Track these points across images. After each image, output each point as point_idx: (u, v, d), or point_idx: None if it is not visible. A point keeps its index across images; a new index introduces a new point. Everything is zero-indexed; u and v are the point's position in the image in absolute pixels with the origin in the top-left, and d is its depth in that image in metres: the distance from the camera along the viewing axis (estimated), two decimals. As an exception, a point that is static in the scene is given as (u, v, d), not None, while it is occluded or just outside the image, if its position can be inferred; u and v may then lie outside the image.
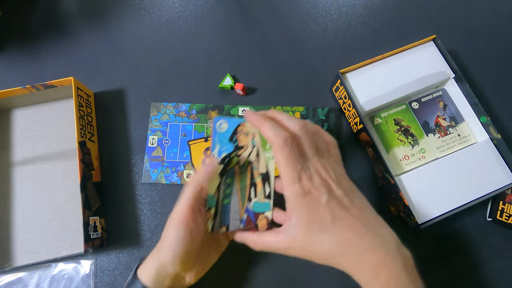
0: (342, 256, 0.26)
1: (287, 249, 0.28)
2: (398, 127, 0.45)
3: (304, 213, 0.27)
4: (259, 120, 0.30)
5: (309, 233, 0.27)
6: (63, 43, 0.52)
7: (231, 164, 0.33)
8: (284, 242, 0.28)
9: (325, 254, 0.27)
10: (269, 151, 0.33)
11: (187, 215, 0.30)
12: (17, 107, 0.48)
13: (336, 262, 0.27)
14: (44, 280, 0.42)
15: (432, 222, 0.39)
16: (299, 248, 0.28)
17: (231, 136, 0.33)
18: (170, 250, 0.30)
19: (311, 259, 0.28)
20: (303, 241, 0.27)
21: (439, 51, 0.46)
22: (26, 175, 0.45)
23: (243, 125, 0.33)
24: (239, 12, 0.54)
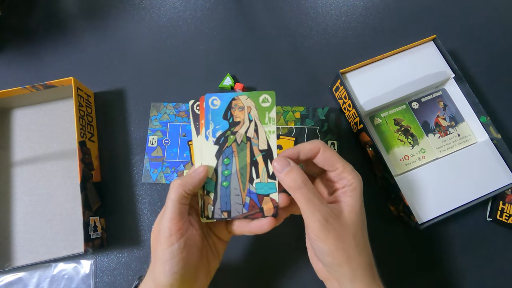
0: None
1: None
2: (398, 127, 0.45)
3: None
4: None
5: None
6: (63, 43, 0.52)
7: (228, 143, 0.30)
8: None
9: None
10: (269, 124, 0.30)
11: (179, 224, 0.27)
12: (17, 107, 0.48)
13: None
14: (44, 280, 0.42)
15: (432, 222, 0.39)
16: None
17: (225, 113, 0.31)
18: (167, 270, 0.27)
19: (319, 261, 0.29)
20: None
21: (439, 51, 0.46)
22: (26, 175, 0.45)
23: (237, 99, 0.31)
24: (239, 12, 0.54)
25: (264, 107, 0.31)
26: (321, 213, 0.27)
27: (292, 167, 0.28)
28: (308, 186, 0.28)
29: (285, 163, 0.29)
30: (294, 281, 0.42)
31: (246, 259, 0.42)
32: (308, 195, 0.27)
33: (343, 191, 0.29)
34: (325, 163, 0.30)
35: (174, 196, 0.28)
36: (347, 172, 0.29)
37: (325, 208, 0.27)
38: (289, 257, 0.42)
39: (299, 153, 0.30)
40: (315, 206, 0.27)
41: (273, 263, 0.42)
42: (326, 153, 0.30)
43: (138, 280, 0.40)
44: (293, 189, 0.28)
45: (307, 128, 0.47)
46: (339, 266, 0.27)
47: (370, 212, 0.31)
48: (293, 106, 0.48)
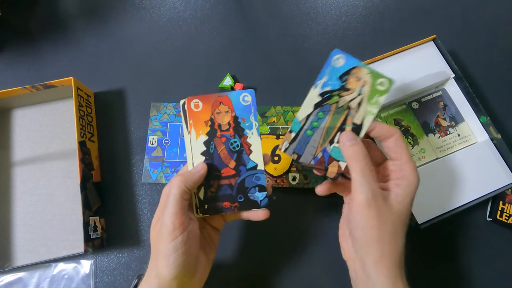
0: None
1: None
2: (398, 127, 0.45)
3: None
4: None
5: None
6: (63, 43, 0.52)
7: (330, 101, 0.32)
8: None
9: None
10: (374, 105, 0.31)
11: (182, 218, 0.28)
12: (17, 107, 0.48)
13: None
14: (44, 280, 0.42)
15: (432, 222, 0.39)
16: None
17: (342, 75, 0.32)
18: (170, 263, 0.27)
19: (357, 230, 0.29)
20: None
21: (439, 51, 0.46)
22: (26, 175, 0.45)
23: (359, 69, 0.31)
24: (239, 12, 0.54)
25: (377, 89, 0.31)
26: (370, 187, 0.27)
27: (358, 142, 0.29)
28: (367, 161, 0.28)
29: (352, 137, 0.30)
30: (294, 280, 0.42)
31: (244, 256, 0.42)
32: (365, 168, 0.28)
33: (398, 182, 0.30)
34: (395, 149, 0.30)
35: (176, 192, 0.28)
36: (409, 166, 0.30)
37: (376, 186, 0.28)
38: (289, 256, 0.42)
39: (375, 128, 0.31)
40: (367, 179, 0.28)
41: (272, 262, 0.42)
42: (399, 140, 0.30)
43: (138, 279, 0.40)
44: (353, 159, 0.29)
45: (307, 128, 0.47)
46: (369, 244, 0.28)
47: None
48: (293, 106, 0.48)
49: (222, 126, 0.32)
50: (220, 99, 0.33)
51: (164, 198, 0.32)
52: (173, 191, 0.28)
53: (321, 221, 0.43)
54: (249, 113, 0.32)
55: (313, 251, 0.42)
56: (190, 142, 0.32)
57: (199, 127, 0.32)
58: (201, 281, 0.32)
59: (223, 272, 0.41)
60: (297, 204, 0.44)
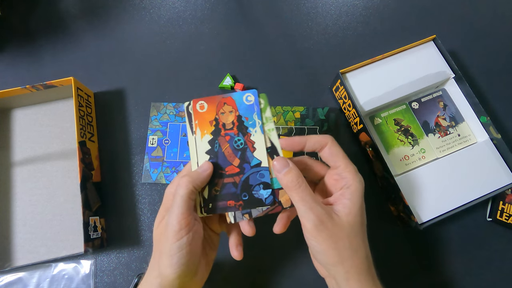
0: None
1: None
2: (398, 127, 0.45)
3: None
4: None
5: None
6: (63, 43, 0.52)
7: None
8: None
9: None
10: (267, 123, 0.31)
11: (188, 219, 0.28)
12: (17, 107, 0.48)
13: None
14: (44, 280, 0.42)
15: (432, 222, 0.39)
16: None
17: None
18: (174, 262, 0.28)
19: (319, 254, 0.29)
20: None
21: (439, 51, 0.46)
22: (26, 175, 0.45)
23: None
24: (239, 12, 0.54)
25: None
26: (314, 213, 0.27)
27: (291, 168, 0.29)
28: (303, 187, 0.28)
29: (284, 164, 0.29)
30: (292, 279, 0.42)
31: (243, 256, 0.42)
32: (303, 195, 0.28)
33: (342, 192, 0.29)
34: (330, 158, 0.30)
35: (183, 192, 0.28)
36: (348, 172, 0.29)
37: (319, 209, 0.28)
38: (287, 256, 0.42)
39: (306, 142, 0.31)
40: (309, 206, 0.27)
41: (270, 261, 0.42)
42: (333, 148, 0.30)
43: (138, 278, 0.40)
44: (289, 188, 0.28)
45: (307, 128, 0.47)
46: (333, 265, 0.28)
47: (370, 212, 0.31)
48: (293, 106, 0.48)
49: (226, 125, 0.32)
50: (224, 100, 0.33)
51: (167, 198, 0.32)
52: (181, 192, 0.29)
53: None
54: (252, 112, 0.32)
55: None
56: (195, 142, 0.32)
57: (204, 127, 0.33)
58: (201, 281, 0.32)
59: (223, 271, 0.41)
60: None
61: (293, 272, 0.42)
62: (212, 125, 0.32)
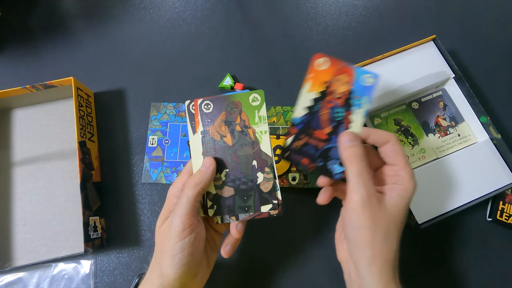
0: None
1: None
2: (398, 127, 0.45)
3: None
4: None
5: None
6: (63, 43, 0.52)
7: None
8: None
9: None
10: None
11: (192, 220, 0.28)
12: (17, 107, 0.48)
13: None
14: (44, 280, 0.42)
15: (432, 222, 0.39)
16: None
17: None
18: (176, 262, 0.28)
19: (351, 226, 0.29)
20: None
21: (439, 51, 0.46)
22: (26, 175, 0.45)
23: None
24: (239, 12, 0.54)
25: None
26: (366, 189, 0.27)
27: (357, 144, 0.30)
28: (365, 163, 0.29)
29: (353, 138, 0.30)
30: (292, 279, 0.42)
31: (243, 256, 0.42)
32: (362, 169, 0.28)
33: (394, 187, 0.29)
34: (391, 155, 0.30)
35: (191, 194, 0.29)
36: (406, 172, 0.29)
37: (372, 187, 0.28)
38: (287, 256, 0.42)
39: (370, 135, 0.31)
40: (363, 180, 0.28)
41: (270, 262, 0.42)
42: (396, 146, 0.30)
43: (138, 278, 0.40)
44: (351, 159, 0.29)
45: (307, 128, 0.47)
46: (362, 245, 0.28)
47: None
48: (293, 106, 0.48)
49: (335, 93, 0.32)
50: (345, 69, 0.33)
51: (169, 199, 0.32)
52: (189, 193, 0.29)
53: (321, 221, 0.43)
54: (365, 93, 0.32)
55: (312, 251, 0.42)
56: (198, 140, 0.32)
57: (316, 84, 0.33)
58: (202, 282, 0.32)
59: (223, 271, 0.41)
60: (297, 204, 0.44)
61: (293, 272, 0.42)
62: (324, 86, 0.33)
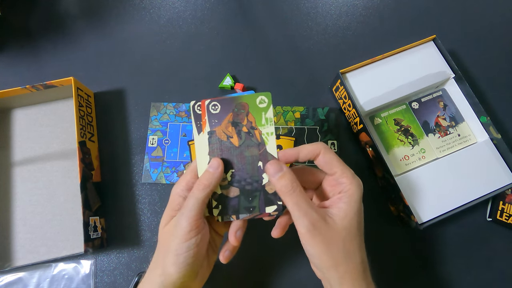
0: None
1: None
2: (398, 127, 0.45)
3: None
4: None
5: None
6: (63, 43, 0.52)
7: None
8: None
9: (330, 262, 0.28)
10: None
11: (199, 221, 0.29)
12: (17, 107, 0.48)
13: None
14: (44, 280, 0.42)
15: (432, 222, 0.39)
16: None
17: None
18: (180, 261, 0.28)
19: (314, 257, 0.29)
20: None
21: (439, 51, 0.46)
22: (26, 175, 0.45)
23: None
24: (239, 12, 0.54)
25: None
26: (308, 218, 0.27)
27: (284, 172, 0.29)
28: (297, 192, 0.28)
29: (278, 168, 0.29)
30: (292, 279, 0.42)
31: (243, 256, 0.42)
32: (297, 200, 0.28)
33: (339, 196, 0.29)
34: (325, 165, 0.30)
35: (200, 196, 0.29)
36: (345, 177, 0.29)
37: (313, 213, 0.27)
38: (287, 256, 0.42)
39: (299, 154, 0.30)
40: (303, 211, 0.27)
41: (270, 262, 0.42)
42: (326, 156, 0.30)
43: (138, 277, 0.40)
44: (283, 193, 0.28)
45: (307, 128, 0.47)
46: (327, 269, 0.28)
47: (370, 212, 0.31)
48: (293, 106, 0.48)
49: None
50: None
51: (173, 198, 0.32)
52: (198, 195, 0.29)
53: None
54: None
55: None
56: (202, 142, 0.31)
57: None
58: (201, 282, 0.32)
59: (223, 271, 0.41)
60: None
61: (292, 272, 0.42)
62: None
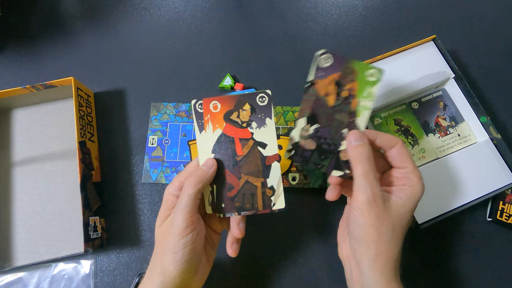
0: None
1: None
2: (398, 127, 0.45)
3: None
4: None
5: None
6: (63, 43, 0.52)
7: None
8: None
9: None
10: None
11: (194, 217, 0.29)
12: (17, 107, 0.48)
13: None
14: (44, 280, 0.42)
15: (432, 222, 0.39)
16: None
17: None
18: (178, 259, 0.28)
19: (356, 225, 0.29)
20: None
21: (439, 51, 0.46)
22: (26, 175, 0.45)
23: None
24: (239, 12, 0.54)
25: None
26: (372, 189, 0.28)
27: (364, 143, 0.30)
28: (371, 163, 0.29)
29: (360, 137, 0.30)
30: (292, 279, 0.42)
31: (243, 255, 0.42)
32: (368, 169, 0.28)
33: (402, 188, 0.30)
34: (399, 158, 0.31)
35: (192, 192, 0.29)
36: (415, 175, 0.30)
37: (378, 188, 0.28)
38: (287, 256, 0.42)
39: (377, 137, 0.31)
40: (369, 180, 0.28)
41: (270, 261, 0.42)
42: (402, 149, 0.30)
43: (139, 277, 0.40)
44: (357, 160, 0.29)
45: (307, 128, 0.47)
46: (366, 242, 0.28)
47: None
48: (293, 106, 0.48)
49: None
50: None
51: (167, 197, 0.32)
52: (189, 191, 0.29)
53: (320, 221, 0.43)
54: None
55: (312, 251, 0.42)
56: (206, 140, 0.32)
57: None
58: (201, 280, 0.33)
59: (223, 271, 0.41)
60: (297, 204, 0.44)
61: (292, 271, 0.42)
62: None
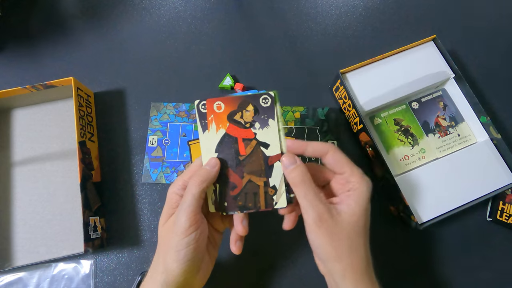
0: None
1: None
2: (398, 127, 0.45)
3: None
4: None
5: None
6: (63, 43, 0.52)
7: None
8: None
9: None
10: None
11: (197, 216, 0.29)
12: (17, 107, 0.48)
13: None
14: (44, 280, 0.42)
15: (432, 222, 0.39)
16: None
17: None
18: (181, 257, 0.29)
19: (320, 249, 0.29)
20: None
21: (439, 51, 0.46)
22: (26, 175, 0.45)
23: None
24: (239, 12, 0.54)
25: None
26: (315, 209, 0.28)
27: (298, 165, 0.30)
28: (308, 184, 0.29)
29: (292, 160, 0.30)
30: (292, 279, 0.42)
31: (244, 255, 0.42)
32: (307, 191, 0.29)
33: (348, 194, 0.30)
34: (334, 164, 0.31)
35: (196, 191, 0.29)
36: (355, 176, 0.30)
37: (321, 206, 0.28)
38: (287, 255, 0.42)
39: (307, 147, 0.31)
40: (311, 202, 0.28)
41: (270, 261, 0.42)
42: (335, 155, 0.31)
43: (141, 276, 0.40)
44: (294, 184, 0.30)
45: (307, 128, 0.47)
46: (330, 261, 0.29)
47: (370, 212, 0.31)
48: (293, 106, 0.48)
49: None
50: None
51: (170, 197, 0.32)
52: (193, 190, 0.29)
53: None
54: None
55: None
56: (210, 140, 0.32)
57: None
58: (204, 278, 0.33)
59: (224, 270, 0.41)
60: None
61: (293, 271, 0.42)
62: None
